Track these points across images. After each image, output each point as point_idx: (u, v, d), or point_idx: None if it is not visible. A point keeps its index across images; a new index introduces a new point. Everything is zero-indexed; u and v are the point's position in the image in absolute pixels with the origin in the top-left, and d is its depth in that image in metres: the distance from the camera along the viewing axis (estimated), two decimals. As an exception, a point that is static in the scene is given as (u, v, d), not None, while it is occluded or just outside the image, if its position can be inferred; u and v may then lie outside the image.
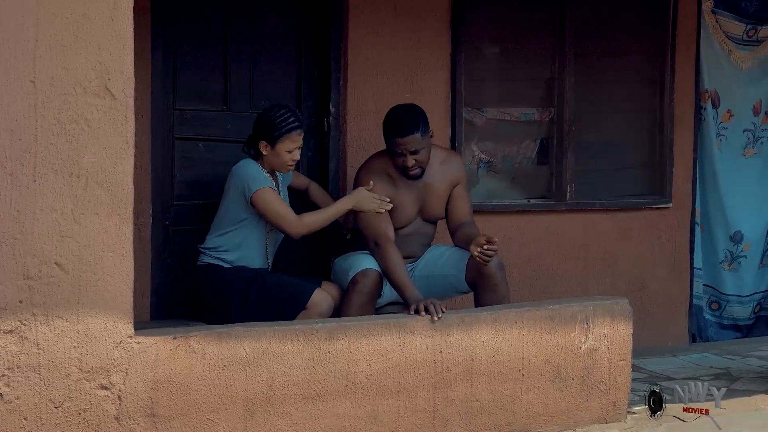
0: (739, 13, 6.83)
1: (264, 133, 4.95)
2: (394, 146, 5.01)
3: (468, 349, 4.44)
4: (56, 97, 3.63)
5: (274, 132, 4.93)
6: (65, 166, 3.66)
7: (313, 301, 4.85)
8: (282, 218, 4.91)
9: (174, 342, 3.90)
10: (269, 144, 4.95)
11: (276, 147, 4.95)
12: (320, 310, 4.84)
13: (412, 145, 4.98)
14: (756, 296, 7.15)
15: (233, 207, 4.98)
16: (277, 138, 4.93)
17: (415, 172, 5.04)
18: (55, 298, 3.66)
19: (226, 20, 5.53)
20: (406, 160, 5.00)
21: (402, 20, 5.80)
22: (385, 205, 4.98)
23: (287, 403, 4.10)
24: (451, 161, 5.25)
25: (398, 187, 5.09)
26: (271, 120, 4.95)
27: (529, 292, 6.09)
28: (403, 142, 4.98)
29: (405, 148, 4.98)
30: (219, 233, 5.03)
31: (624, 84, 6.60)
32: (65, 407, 3.70)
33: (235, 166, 5.00)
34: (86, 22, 3.67)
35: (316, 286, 4.94)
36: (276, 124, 4.93)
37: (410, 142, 4.98)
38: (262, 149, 4.96)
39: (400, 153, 5.00)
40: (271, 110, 4.99)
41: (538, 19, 6.28)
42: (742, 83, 6.92)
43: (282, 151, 4.96)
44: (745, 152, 7.02)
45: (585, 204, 6.42)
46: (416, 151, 4.99)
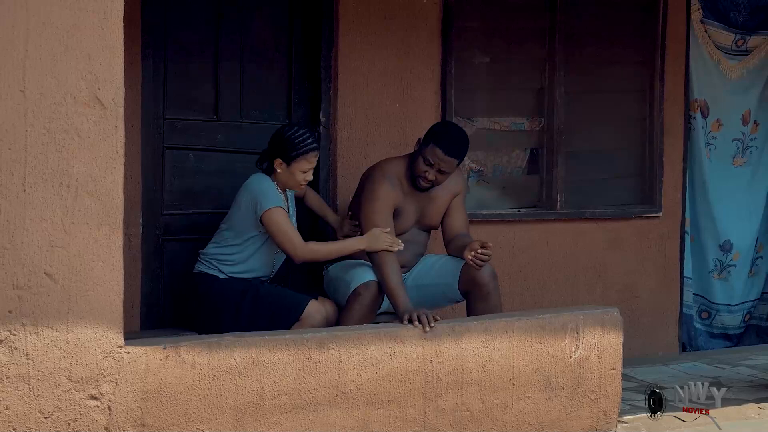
0: (728, 23, 6.86)
1: (281, 151, 4.91)
2: (430, 155, 4.98)
3: (458, 358, 4.44)
4: (46, 107, 3.63)
5: (292, 151, 4.89)
6: (55, 176, 3.65)
7: (307, 313, 4.84)
8: (289, 241, 4.86)
9: (164, 352, 3.90)
10: (285, 162, 4.91)
11: (291, 166, 4.91)
12: (314, 322, 4.83)
13: (447, 167, 5.00)
14: (746, 305, 7.17)
15: (244, 221, 4.93)
16: (294, 157, 4.89)
17: (426, 185, 5.05)
18: (44, 308, 3.65)
19: (216, 30, 5.52)
20: (429, 173, 5.00)
21: (392, 30, 5.80)
22: (397, 246, 4.88)
23: (277, 413, 4.09)
24: (453, 173, 5.25)
25: (405, 194, 5.10)
26: (290, 139, 4.90)
27: (519, 302, 6.10)
28: (444, 159, 4.98)
29: (438, 163, 4.98)
30: (225, 244, 4.98)
31: (614, 93, 6.62)
32: (55, 417, 3.69)
33: (250, 180, 4.96)
34: (76, 32, 3.67)
35: (311, 297, 4.93)
36: (295, 144, 4.89)
37: (448, 163, 5.00)
38: (277, 167, 4.92)
39: (429, 163, 4.99)
40: (291, 128, 4.96)
41: (528, 28, 6.30)
42: (731, 93, 6.95)
43: (297, 171, 4.92)
44: (734, 161, 7.04)
45: (575, 213, 6.43)
46: (443, 172, 5.01)
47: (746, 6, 6.91)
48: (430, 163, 4.99)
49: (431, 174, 5.00)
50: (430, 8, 5.91)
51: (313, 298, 4.93)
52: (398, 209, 5.06)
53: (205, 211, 5.34)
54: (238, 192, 4.97)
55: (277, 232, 4.85)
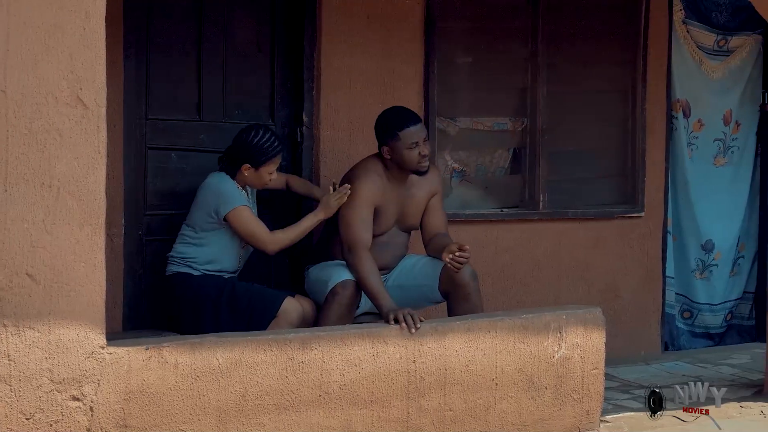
0: (710, 23, 6.89)
1: (249, 157, 4.99)
2: (408, 138, 4.99)
3: (441, 358, 4.44)
4: (28, 107, 3.61)
5: (261, 157, 4.98)
6: (37, 176, 3.63)
7: (283, 309, 4.88)
8: (256, 237, 4.98)
9: (146, 352, 3.89)
10: (253, 167, 5.00)
11: (260, 170, 5.01)
12: (290, 318, 4.86)
13: (424, 131, 5.05)
14: (727, 304, 7.20)
15: (204, 217, 5.01)
16: (263, 162, 5.00)
17: (427, 164, 5.06)
18: (26, 308, 3.63)
19: (198, 30, 5.51)
20: (423, 148, 5.01)
21: (375, 30, 5.80)
22: (345, 190, 4.96)
23: (260, 413, 4.09)
24: (431, 172, 5.25)
25: (386, 195, 5.09)
26: (258, 146, 4.98)
27: (502, 301, 6.11)
28: (417, 130, 5.01)
29: (420, 137, 5.01)
30: (188, 241, 5.05)
31: (596, 93, 6.64)
32: (36, 419, 3.67)
33: (210, 181, 5.02)
34: (58, 32, 3.66)
35: (287, 294, 4.96)
36: (263, 149, 4.99)
37: (422, 129, 5.05)
38: (244, 170, 5.01)
39: (414, 144, 5.00)
40: (256, 134, 5.01)
41: (510, 29, 6.31)
42: (712, 93, 6.98)
43: (265, 173, 5.03)
44: (716, 161, 7.07)
45: (558, 213, 6.45)
46: (426, 139, 5.05)
47: (727, 6, 6.93)
48: (414, 143, 5.00)
49: (424, 149, 5.02)
50: (413, 8, 5.91)
51: (289, 295, 4.96)
52: (379, 209, 5.05)
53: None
54: (198, 191, 5.05)
55: (244, 230, 4.96)
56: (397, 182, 5.12)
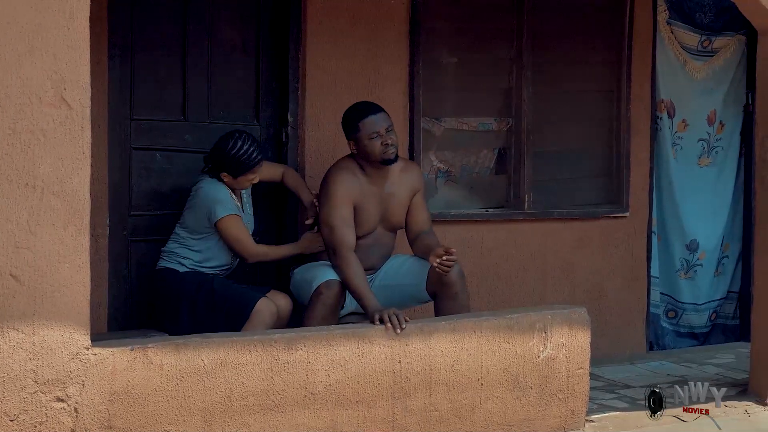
0: (694, 24, 6.90)
1: (227, 168, 5.04)
2: (368, 129, 4.99)
3: (427, 358, 4.44)
4: (11, 107, 3.60)
5: (238, 169, 5.04)
6: (20, 177, 3.62)
7: (256, 310, 4.89)
8: (240, 244, 5.09)
9: (131, 353, 3.88)
10: (231, 176, 5.06)
11: (238, 179, 5.08)
12: (263, 318, 4.88)
13: (386, 121, 5.04)
14: (712, 304, 7.21)
15: (198, 222, 5.06)
16: (241, 173, 5.05)
17: (392, 151, 5.04)
18: (10, 310, 3.62)
19: (183, 30, 5.50)
20: (386, 138, 5.01)
21: (360, 30, 5.80)
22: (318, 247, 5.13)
23: (246, 414, 4.08)
24: (411, 170, 5.27)
25: (364, 192, 5.09)
26: (236, 158, 5.02)
27: (487, 301, 6.11)
28: (378, 119, 5.02)
29: (381, 127, 5.01)
30: (183, 242, 5.09)
31: (581, 93, 6.64)
32: (21, 420, 3.66)
33: (203, 187, 5.06)
34: (41, 32, 3.65)
35: (260, 294, 4.98)
36: (241, 161, 5.03)
37: (384, 119, 5.04)
38: (224, 177, 5.07)
39: (376, 134, 5.00)
40: (234, 146, 5.02)
41: (495, 29, 6.31)
42: (696, 93, 6.99)
43: (244, 181, 5.11)
44: (700, 161, 7.08)
45: (543, 213, 6.45)
46: (390, 129, 5.04)
47: (711, 7, 6.95)
48: (376, 133, 5.00)
49: (387, 138, 5.01)
50: (398, 9, 5.91)
51: (263, 296, 4.98)
52: (358, 207, 5.04)
53: (172, 211, 5.30)
54: (191, 196, 5.09)
55: (231, 239, 5.06)
56: (375, 180, 5.11)
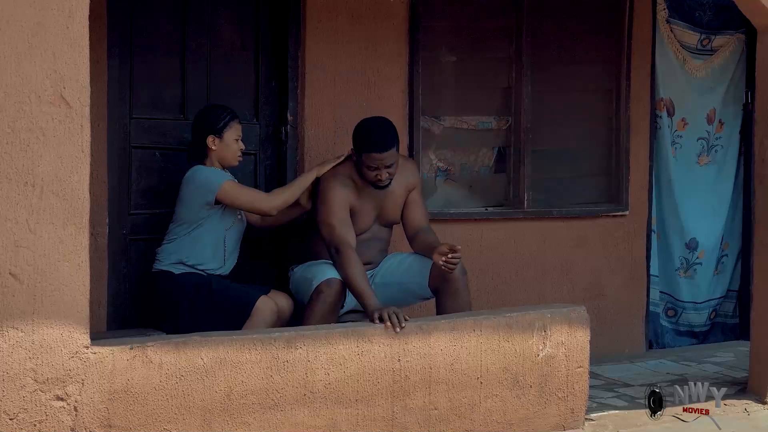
0: (693, 22, 6.90)
1: (209, 127, 5.07)
2: (369, 161, 5.01)
3: (426, 357, 4.44)
4: (10, 106, 3.60)
5: (218, 123, 5.07)
6: (20, 175, 3.62)
7: (256, 308, 4.90)
8: (254, 200, 5.07)
9: (131, 352, 3.88)
10: (217, 136, 5.06)
11: (224, 137, 5.08)
12: (264, 316, 4.88)
13: (389, 160, 5.02)
14: (711, 303, 7.22)
15: (189, 212, 5.04)
16: (223, 128, 5.07)
17: (384, 184, 5.07)
18: (9, 308, 3.62)
19: (183, 29, 5.50)
20: (380, 174, 5.02)
21: (359, 29, 5.80)
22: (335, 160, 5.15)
23: (245, 412, 4.08)
24: (407, 167, 5.28)
25: (360, 193, 5.11)
26: (211, 113, 5.11)
27: (486, 300, 6.11)
28: (381, 157, 5.00)
29: (382, 164, 5.01)
30: (173, 239, 5.08)
31: (580, 92, 6.64)
32: (20, 419, 3.66)
33: (189, 175, 5.05)
34: (41, 30, 3.65)
35: (260, 293, 4.99)
36: (218, 115, 5.10)
37: (388, 158, 5.02)
38: (210, 144, 5.07)
39: (374, 167, 5.01)
40: (205, 110, 5.17)
41: (495, 27, 6.31)
42: (696, 92, 6.99)
43: (230, 140, 5.10)
44: (700, 160, 7.08)
45: (542, 212, 6.45)
46: (391, 165, 5.02)
47: (711, 6, 6.95)
48: (374, 167, 5.01)
49: (382, 174, 5.03)
50: (398, 7, 5.91)
51: (263, 294, 4.98)
52: (355, 208, 5.07)
53: (171, 210, 5.30)
54: (181, 188, 5.08)
55: (239, 198, 5.03)
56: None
